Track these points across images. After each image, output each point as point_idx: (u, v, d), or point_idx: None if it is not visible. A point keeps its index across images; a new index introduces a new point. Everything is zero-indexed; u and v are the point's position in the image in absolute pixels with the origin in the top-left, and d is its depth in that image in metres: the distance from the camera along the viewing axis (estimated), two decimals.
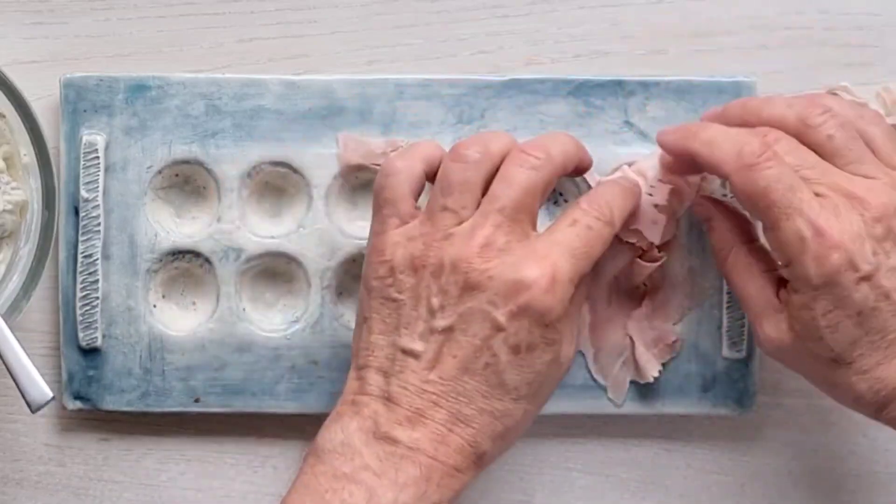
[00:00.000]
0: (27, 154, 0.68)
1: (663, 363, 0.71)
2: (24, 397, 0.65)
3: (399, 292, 0.63)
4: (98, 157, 0.71)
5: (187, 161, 0.72)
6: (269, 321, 0.72)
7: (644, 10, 0.73)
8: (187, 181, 0.73)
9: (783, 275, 0.64)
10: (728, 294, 0.71)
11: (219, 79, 0.72)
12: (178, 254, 0.72)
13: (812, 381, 0.66)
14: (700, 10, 0.73)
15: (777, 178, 0.62)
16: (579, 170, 0.67)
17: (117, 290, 0.71)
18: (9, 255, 0.69)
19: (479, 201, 0.64)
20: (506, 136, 0.65)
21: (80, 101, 0.71)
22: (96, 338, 0.71)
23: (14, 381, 0.65)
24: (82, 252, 0.71)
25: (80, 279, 0.71)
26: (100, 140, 0.71)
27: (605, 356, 0.71)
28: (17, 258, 0.68)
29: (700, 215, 0.69)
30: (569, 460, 0.74)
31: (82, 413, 0.73)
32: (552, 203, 0.72)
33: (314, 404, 0.71)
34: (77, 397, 0.71)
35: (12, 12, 0.73)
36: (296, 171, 0.72)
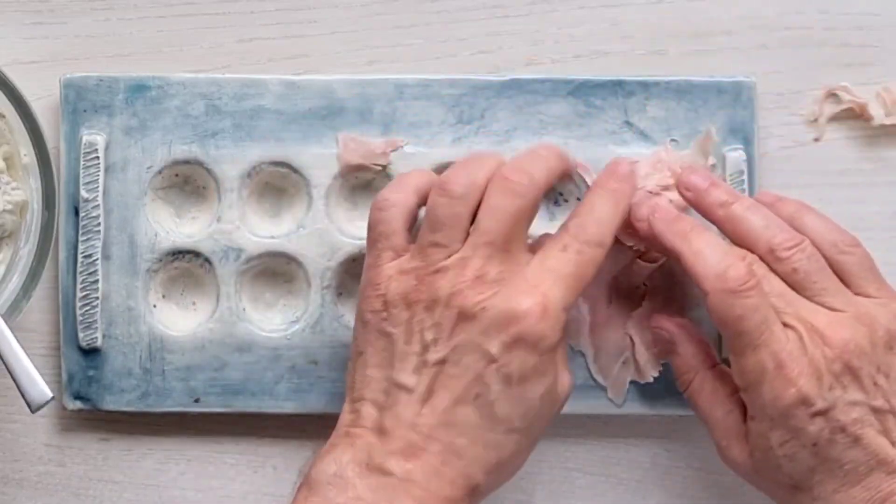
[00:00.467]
0: (27, 154, 0.68)
1: (663, 363, 0.71)
2: (23, 397, 0.65)
3: (393, 326, 0.63)
4: (98, 157, 0.71)
5: (187, 161, 0.72)
6: (269, 321, 0.72)
7: (644, 10, 0.73)
8: (187, 181, 0.73)
9: (743, 398, 0.65)
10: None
11: (219, 79, 0.72)
12: (178, 254, 0.72)
13: (774, 498, 0.67)
14: (700, 10, 0.73)
15: (754, 308, 0.63)
16: (565, 176, 0.67)
17: (117, 290, 0.71)
18: (9, 255, 0.69)
19: (467, 232, 0.64)
20: (491, 162, 0.65)
21: (80, 101, 0.71)
22: (96, 338, 0.71)
23: (14, 381, 0.65)
24: (82, 252, 0.71)
25: (80, 279, 0.71)
26: (100, 140, 0.71)
27: (605, 356, 0.71)
28: (17, 258, 0.68)
29: (661, 340, 0.69)
30: (569, 460, 0.74)
31: (82, 413, 0.73)
32: (552, 203, 0.72)
33: (314, 404, 0.71)
34: (77, 397, 0.71)
35: (12, 12, 0.73)
36: (296, 171, 0.72)
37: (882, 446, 0.63)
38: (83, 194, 0.71)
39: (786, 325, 0.63)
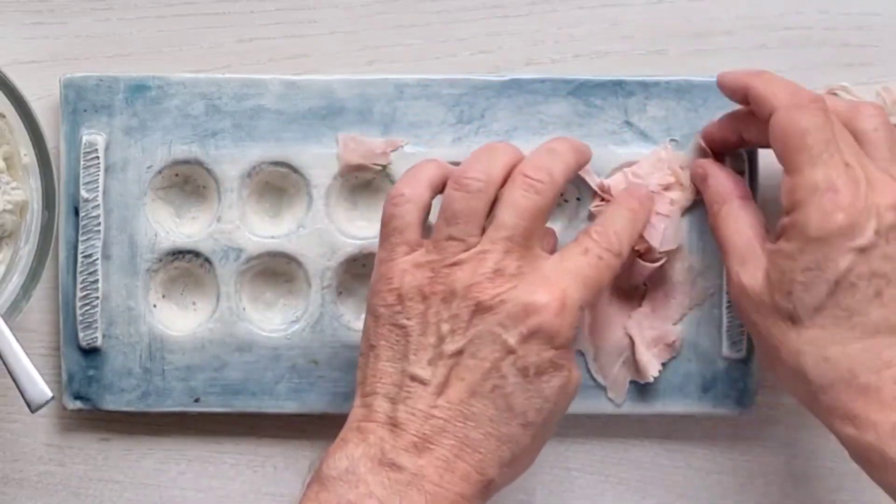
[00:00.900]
0: (27, 154, 0.68)
1: (663, 363, 0.71)
2: (23, 397, 0.65)
3: (408, 319, 0.63)
4: (98, 157, 0.71)
5: (187, 161, 0.72)
6: (269, 321, 0.72)
7: (644, 10, 0.73)
8: (187, 181, 0.73)
9: (783, 223, 0.64)
10: (728, 294, 0.71)
11: (219, 79, 0.72)
12: (178, 254, 0.72)
13: (760, 344, 0.66)
14: (700, 10, 0.73)
15: (819, 127, 0.63)
16: (581, 167, 0.68)
17: (117, 290, 0.71)
18: (9, 255, 0.69)
19: (483, 226, 0.64)
20: (507, 154, 0.65)
21: (80, 101, 0.71)
22: (96, 338, 0.71)
23: (14, 381, 0.65)
24: (82, 252, 0.71)
25: (80, 279, 0.71)
26: (100, 140, 0.71)
27: (605, 356, 0.71)
28: (17, 258, 0.68)
29: (696, 174, 0.69)
30: (569, 460, 0.74)
31: (82, 413, 0.73)
32: None
33: (314, 404, 0.71)
34: (77, 397, 0.72)
35: (12, 12, 0.73)
36: (296, 171, 0.72)
37: (894, 312, 0.62)
38: (83, 194, 0.71)
39: (847, 164, 0.63)
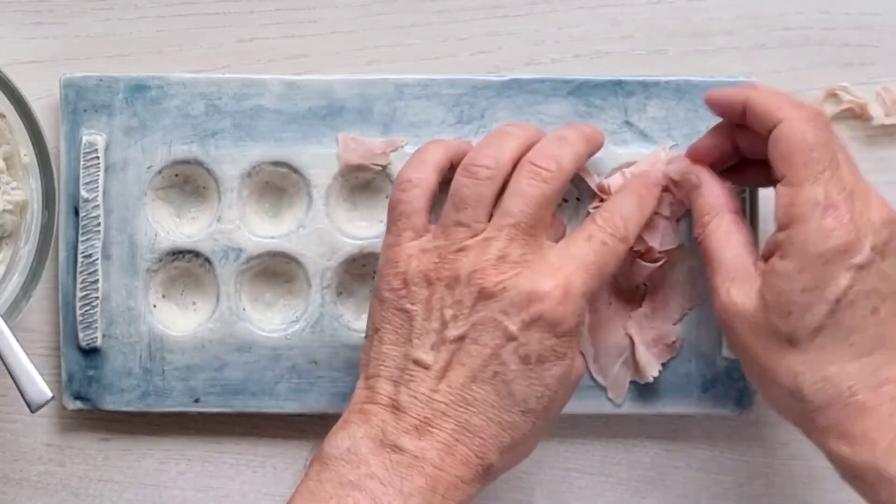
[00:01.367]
0: (27, 154, 0.68)
1: (663, 363, 0.71)
2: (23, 397, 0.65)
3: (412, 303, 0.63)
4: (98, 157, 0.71)
5: (187, 161, 0.72)
6: (269, 321, 0.72)
7: (644, 10, 0.73)
8: (187, 181, 0.73)
9: (777, 238, 0.63)
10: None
11: (219, 79, 0.72)
12: (177, 254, 0.72)
13: (750, 364, 0.65)
14: (700, 10, 0.73)
15: (825, 143, 0.62)
16: (592, 154, 0.68)
17: (117, 290, 0.71)
18: (9, 255, 0.69)
19: (491, 212, 0.64)
20: (518, 138, 0.66)
21: (80, 101, 0.71)
22: (96, 338, 0.71)
23: (14, 381, 0.65)
24: (82, 252, 0.71)
25: (80, 279, 0.71)
26: (100, 140, 0.71)
27: (605, 356, 0.71)
28: (17, 258, 0.68)
29: (689, 182, 0.68)
30: (569, 460, 0.74)
31: (82, 413, 0.73)
32: None
33: (314, 404, 0.71)
34: (77, 397, 0.71)
35: (12, 12, 0.73)
36: (296, 171, 0.72)
37: (891, 329, 0.62)
38: (83, 194, 0.71)
39: (845, 180, 0.63)
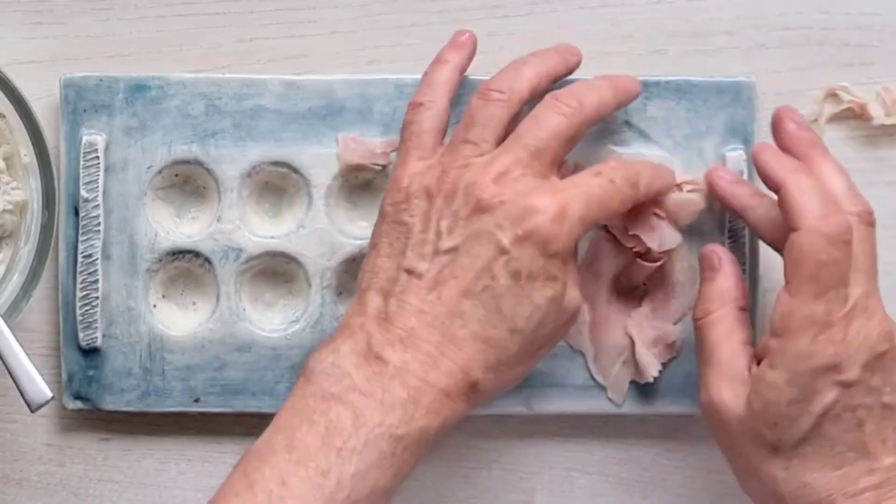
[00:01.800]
0: (27, 154, 0.68)
1: (663, 363, 0.71)
2: (23, 397, 0.65)
3: (411, 216, 0.64)
4: (98, 157, 0.71)
5: (187, 161, 0.72)
6: (269, 321, 0.72)
7: (644, 10, 0.73)
8: (187, 181, 0.73)
9: (770, 345, 0.63)
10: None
11: (219, 79, 0.72)
12: (177, 254, 0.72)
13: (733, 460, 0.66)
14: (700, 10, 0.73)
15: (838, 263, 0.62)
16: (622, 103, 0.68)
17: (117, 290, 0.71)
18: (9, 255, 0.69)
19: (501, 138, 0.65)
20: (535, 67, 0.67)
21: (80, 101, 0.71)
22: (96, 338, 0.71)
23: (14, 381, 0.65)
24: (82, 252, 0.71)
25: (80, 279, 0.71)
26: (100, 140, 0.71)
27: (605, 356, 0.71)
28: (17, 258, 0.68)
29: (704, 261, 0.68)
30: (569, 460, 0.74)
31: (82, 413, 0.73)
32: None
33: None
34: (77, 397, 0.71)
35: (12, 12, 0.73)
36: (296, 171, 0.72)
37: (874, 440, 0.63)
38: (83, 194, 0.71)
39: (849, 297, 0.62)
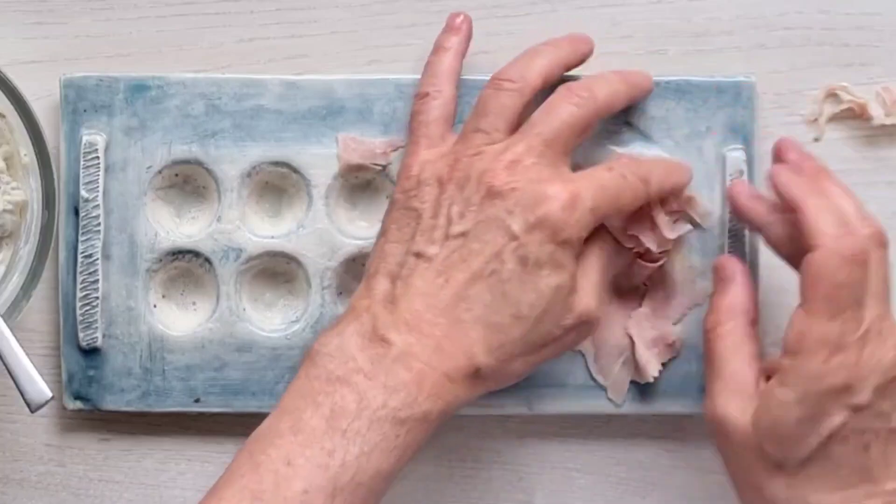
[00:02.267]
0: (27, 154, 0.68)
1: (663, 363, 0.71)
2: (23, 397, 0.65)
3: (421, 202, 0.64)
4: (98, 158, 0.71)
5: (187, 161, 0.72)
6: (269, 321, 0.72)
7: (644, 10, 0.73)
8: (187, 181, 0.73)
9: (782, 363, 0.63)
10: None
11: (219, 79, 0.72)
12: (178, 254, 0.72)
13: (735, 473, 0.65)
14: (700, 10, 0.73)
15: (854, 283, 0.62)
16: (634, 98, 0.69)
17: (117, 290, 0.71)
18: (9, 255, 0.69)
19: (512, 127, 0.65)
20: (547, 57, 0.67)
21: (80, 101, 0.71)
22: (96, 338, 0.71)
23: (14, 381, 0.65)
24: (82, 252, 0.71)
25: (80, 279, 0.71)
26: (100, 140, 0.71)
27: (605, 356, 0.71)
28: (17, 258, 0.68)
29: (717, 273, 0.68)
30: (569, 460, 0.74)
31: (82, 413, 0.73)
32: None
33: None
34: (77, 397, 0.71)
35: (12, 12, 0.73)
36: (296, 171, 0.72)
37: (879, 464, 0.63)
38: (83, 194, 0.71)
39: (865, 319, 0.62)
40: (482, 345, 0.62)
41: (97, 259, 0.71)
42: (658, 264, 0.70)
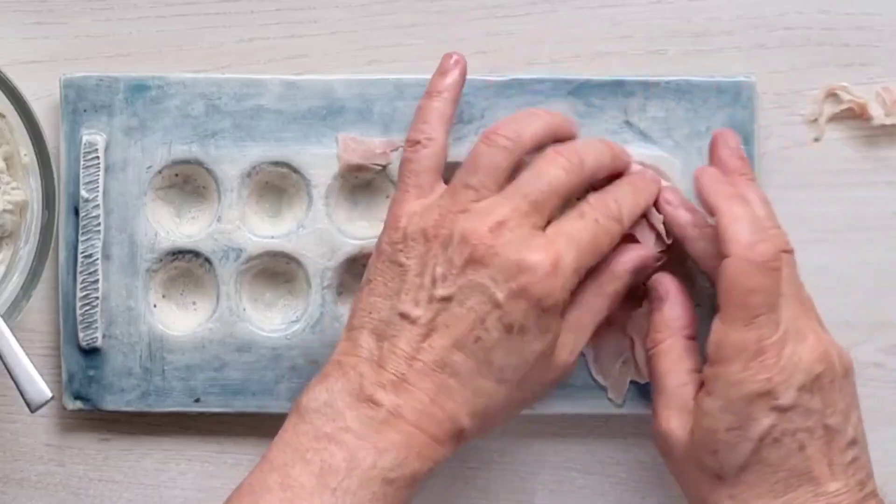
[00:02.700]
0: (27, 154, 0.68)
1: None
2: (23, 397, 0.65)
3: (407, 258, 0.64)
4: (98, 157, 0.71)
5: (187, 161, 0.72)
6: (269, 321, 0.72)
7: (644, 10, 0.73)
8: (187, 181, 0.73)
9: (706, 373, 0.64)
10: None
11: (219, 79, 0.72)
12: (178, 254, 0.72)
13: (685, 488, 0.66)
14: (700, 10, 0.73)
15: (767, 289, 0.63)
16: (617, 168, 0.68)
17: (117, 290, 0.71)
18: (9, 255, 0.69)
19: (501, 185, 0.65)
20: (543, 120, 0.67)
21: (80, 101, 0.71)
22: (96, 338, 0.71)
23: (14, 381, 0.65)
24: (82, 252, 0.71)
25: (80, 279, 0.71)
26: (100, 140, 0.71)
27: (605, 356, 0.71)
28: (17, 258, 0.68)
29: (652, 293, 0.68)
30: (569, 460, 0.74)
31: (82, 413, 0.73)
32: None
33: None
34: (77, 397, 0.71)
35: (12, 12, 0.73)
36: (296, 171, 0.72)
37: (819, 463, 0.63)
38: (83, 194, 0.71)
39: (780, 322, 0.63)
40: (467, 408, 0.63)
41: (97, 259, 0.71)
42: (658, 264, 0.70)
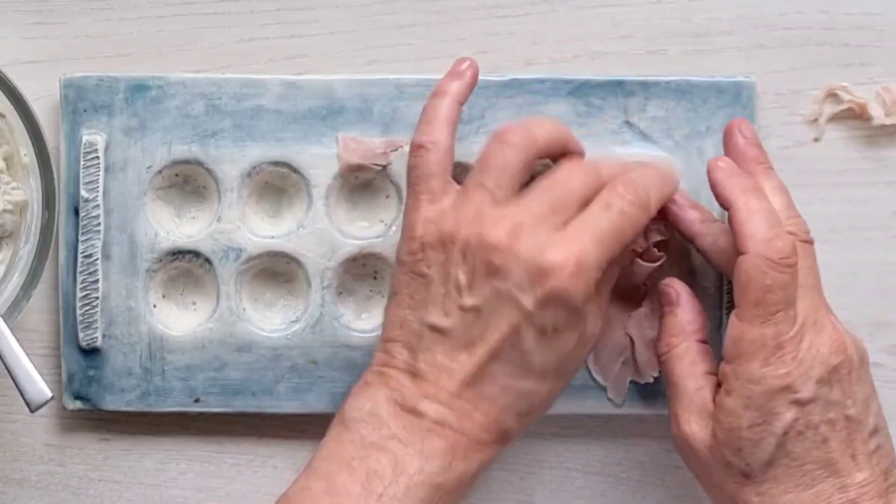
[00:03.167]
0: (27, 154, 0.68)
1: None
2: (23, 397, 0.65)
3: (428, 267, 0.64)
4: (98, 157, 0.71)
5: (187, 161, 0.72)
6: (269, 321, 0.72)
7: (644, 10, 0.73)
8: (187, 181, 0.73)
9: (724, 370, 0.64)
10: (728, 294, 0.71)
11: (219, 79, 0.72)
12: (178, 254, 0.72)
13: (710, 489, 0.66)
14: (700, 10, 0.73)
15: (783, 285, 0.62)
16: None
17: (117, 290, 0.71)
18: (9, 255, 0.69)
19: (515, 185, 0.64)
20: (554, 125, 0.66)
21: (80, 101, 0.71)
22: (96, 338, 0.71)
23: (14, 381, 0.65)
24: (82, 252, 0.71)
25: (80, 279, 0.71)
26: (100, 140, 0.71)
27: (605, 356, 0.71)
28: (17, 258, 0.68)
29: (663, 297, 0.68)
30: (569, 460, 0.74)
31: (82, 413, 0.73)
32: None
33: (314, 404, 0.71)
34: (77, 397, 0.71)
35: (12, 12, 0.73)
36: (296, 171, 0.72)
37: (843, 455, 0.63)
38: (83, 194, 0.71)
39: (797, 316, 0.63)
40: (512, 411, 0.63)
41: (97, 259, 0.71)
42: (658, 264, 0.70)
